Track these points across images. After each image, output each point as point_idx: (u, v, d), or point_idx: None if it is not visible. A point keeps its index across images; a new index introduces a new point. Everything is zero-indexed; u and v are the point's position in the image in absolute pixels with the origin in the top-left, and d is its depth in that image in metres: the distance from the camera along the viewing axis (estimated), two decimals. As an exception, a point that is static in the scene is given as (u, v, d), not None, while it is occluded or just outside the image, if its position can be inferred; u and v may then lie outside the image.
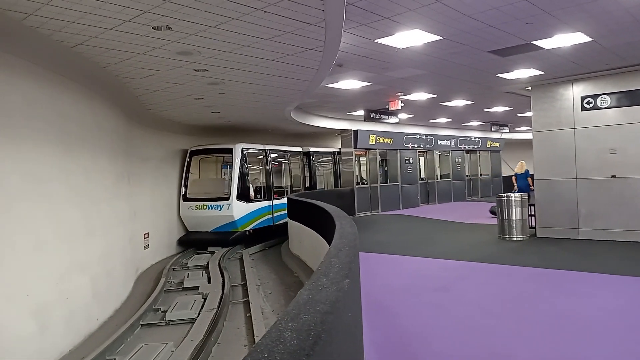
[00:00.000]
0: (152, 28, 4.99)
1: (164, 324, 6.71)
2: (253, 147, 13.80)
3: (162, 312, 7.19)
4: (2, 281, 4.78)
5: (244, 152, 13.26)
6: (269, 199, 14.00)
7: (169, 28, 5.03)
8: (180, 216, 12.97)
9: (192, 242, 12.72)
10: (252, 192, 13.36)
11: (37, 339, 5.17)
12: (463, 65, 9.17)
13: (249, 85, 8.26)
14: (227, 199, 12.49)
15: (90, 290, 6.65)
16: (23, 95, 5.50)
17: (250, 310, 6.93)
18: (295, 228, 10.66)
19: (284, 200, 13.70)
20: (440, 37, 7.16)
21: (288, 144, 16.06)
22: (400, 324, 5.37)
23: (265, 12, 4.71)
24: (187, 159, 13.20)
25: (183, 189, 12.93)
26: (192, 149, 13.32)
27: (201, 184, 13.34)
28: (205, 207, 12.59)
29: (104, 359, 5.38)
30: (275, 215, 14.05)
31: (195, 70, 6.96)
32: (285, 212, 12.92)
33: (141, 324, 6.67)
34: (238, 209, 12.58)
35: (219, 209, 12.54)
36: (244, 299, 7.73)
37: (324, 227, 6.55)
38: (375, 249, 10.26)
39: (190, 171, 13.15)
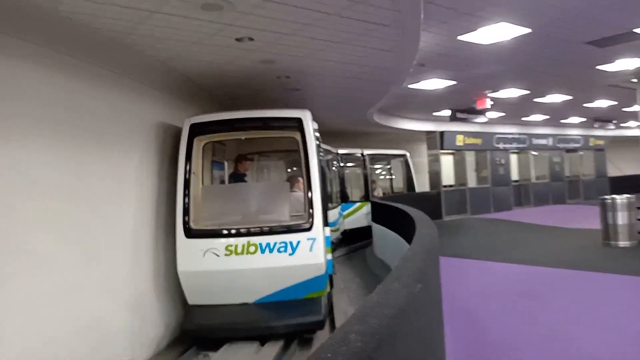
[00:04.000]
0: (235, 40, 5.24)
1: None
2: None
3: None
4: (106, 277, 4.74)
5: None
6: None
7: (251, 39, 5.24)
8: (177, 273, 5.54)
9: (210, 329, 5.45)
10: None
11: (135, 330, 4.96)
12: (557, 59, 8.57)
13: (327, 89, 8.36)
14: (308, 228, 5.54)
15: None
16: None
17: (333, 313, 6.98)
18: (379, 231, 10.58)
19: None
20: (530, 30, 6.75)
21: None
22: (489, 332, 5.12)
23: (341, 16, 4.75)
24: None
25: (182, 214, 5.62)
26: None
27: (232, 199, 6.31)
28: (250, 248, 5.48)
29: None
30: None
31: (277, 77, 7.18)
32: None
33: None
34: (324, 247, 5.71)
35: (290, 249, 5.50)
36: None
37: (407, 230, 6.44)
38: (463, 253, 9.88)
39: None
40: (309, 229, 5.41)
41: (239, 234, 5.41)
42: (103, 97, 5.23)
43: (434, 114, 15.17)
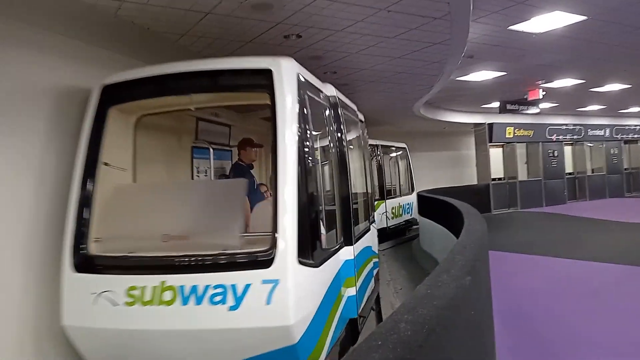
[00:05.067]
0: (284, 37, 5.36)
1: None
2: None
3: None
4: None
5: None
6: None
7: (300, 36, 5.35)
8: (65, 328, 3.22)
9: None
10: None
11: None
12: (615, 46, 8.19)
13: (375, 84, 8.38)
14: (266, 262, 2.99)
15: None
16: None
17: (379, 304, 7.04)
18: (426, 225, 10.52)
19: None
20: (585, 17, 6.50)
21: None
22: (540, 330, 5.04)
23: (389, 11, 4.78)
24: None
25: (72, 230, 3.35)
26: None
27: (150, 207, 3.64)
28: (165, 294, 3.06)
29: None
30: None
31: (324, 73, 7.27)
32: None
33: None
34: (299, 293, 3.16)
35: (231, 299, 2.98)
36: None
37: (454, 224, 6.40)
38: (513, 248, 9.67)
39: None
40: (267, 264, 2.91)
41: (149, 268, 3.09)
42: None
43: (483, 106, 14.82)
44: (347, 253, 3.95)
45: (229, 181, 4.64)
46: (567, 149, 19.70)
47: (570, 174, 19.65)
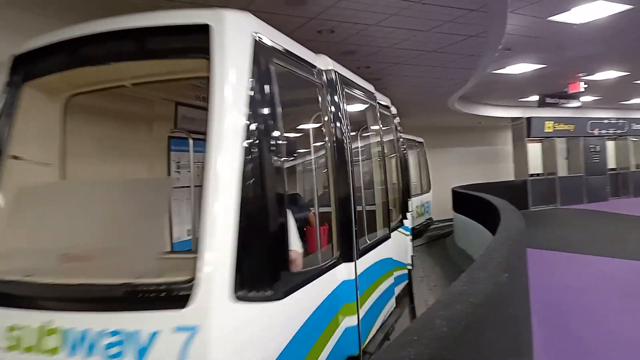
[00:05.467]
0: (317, 32, 5.37)
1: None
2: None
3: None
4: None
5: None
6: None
7: (333, 31, 5.35)
8: None
9: None
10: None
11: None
12: (663, 36, 7.84)
13: (409, 79, 8.29)
14: (179, 300, 1.97)
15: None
16: None
17: (413, 301, 7.00)
18: (461, 221, 10.36)
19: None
20: (631, 6, 6.24)
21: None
22: (579, 330, 4.90)
23: (423, 3, 4.72)
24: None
25: None
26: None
27: (51, 215, 2.66)
28: (48, 341, 2.15)
29: None
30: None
31: (357, 68, 7.25)
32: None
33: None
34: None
35: (131, 354, 2.01)
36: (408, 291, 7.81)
37: (490, 220, 6.28)
38: (552, 246, 9.41)
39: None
40: (182, 302, 1.97)
41: (37, 300, 2.32)
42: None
43: (520, 99, 14.45)
44: (345, 272, 3.09)
45: (150, 180, 3.56)
46: (610, 144, 18.99)
47: (612, 169, 18.94)
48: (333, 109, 3.18)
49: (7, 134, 2.61)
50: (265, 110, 2.32)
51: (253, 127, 2.21)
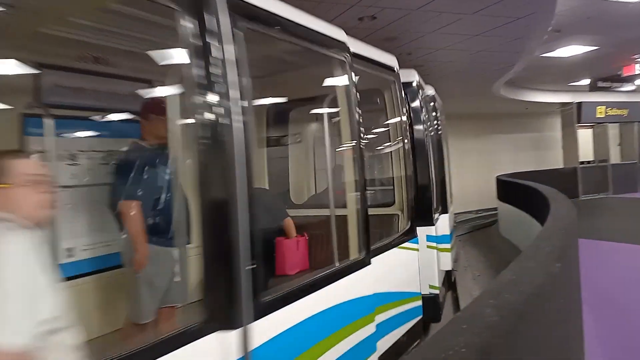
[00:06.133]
0: (358, 19, 5.32)
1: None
2: None
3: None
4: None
5: None
6: None
7: (374, 18, 5.29)
8: None
9: None
10: None
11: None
12: None
13: (452, 64, 8.10)
14: None
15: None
16: None
17: (457, 291, 6.91)
18: (506, 211, 10.12)
19: None
20: (694, -19, 5.85)
21: None
22: (633, 323, 4.70)
23: (468, -14, 4.58)
24: None
25: None
26: None
27: None
28: None
29: None
30: None
31: (399, 55, 7.13)
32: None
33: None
34: None
35: None
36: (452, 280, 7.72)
37: (538, 209, 6.10)
38: (606, 236, 9.03)
39: None
40: None
41: None
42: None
43: (570, 84, 13.86)
44: None
45: None
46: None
47: (671, 156, 17.97)
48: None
49: None
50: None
51: None
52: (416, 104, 4.39)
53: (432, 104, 5.42)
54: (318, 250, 3.03)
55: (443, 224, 4.94)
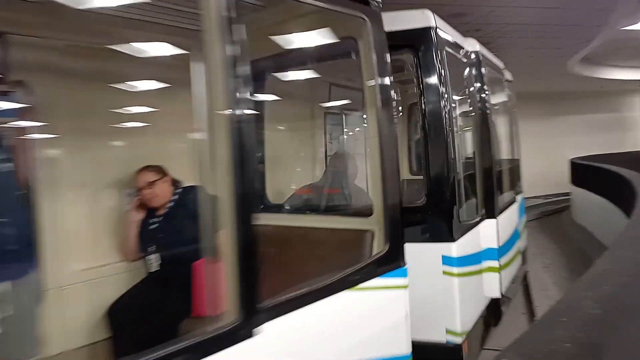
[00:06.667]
0: (426, -5, 5.10)
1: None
2: None
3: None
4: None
5: None
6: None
7: (443, -8, 5.05)
8: None
9: None
10: None
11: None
12: None
13: (524, 41, 7.65)
14: None
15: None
16: None
17: (527, 279, 6.63)
18: (581, 195, 9.57)
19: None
20: None
21: None
22: None
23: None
24: None
25: None
26: None
27: None
28: None
29: None
30: None
31: (466, 31, 6.82)
32: None
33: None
34: None
35: None
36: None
37: (620, 195, 5.69)
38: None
39: None
40: None
41: None
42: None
43: (655, 59, 12.76)
44: None
45: None
46: None
47: None
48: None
49: None
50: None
51: None
52: (431, 63, 3.11)
53: (475, 67, 4.12)
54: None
55: (487, 233, 3.71)
